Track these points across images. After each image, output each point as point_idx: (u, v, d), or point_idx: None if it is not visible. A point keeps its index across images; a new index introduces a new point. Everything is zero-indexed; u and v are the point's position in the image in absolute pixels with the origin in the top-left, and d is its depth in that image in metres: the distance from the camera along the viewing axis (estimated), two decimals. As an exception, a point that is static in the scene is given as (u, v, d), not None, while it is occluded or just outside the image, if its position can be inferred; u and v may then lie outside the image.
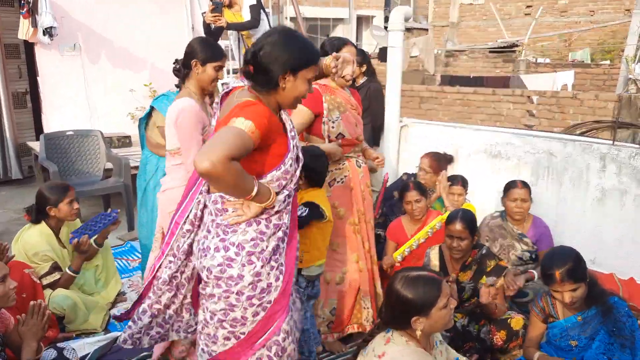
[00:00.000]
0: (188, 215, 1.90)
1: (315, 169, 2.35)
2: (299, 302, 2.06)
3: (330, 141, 2.67)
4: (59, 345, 2.38)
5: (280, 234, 1.81)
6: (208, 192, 1.87)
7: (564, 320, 2.36)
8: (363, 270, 2.80)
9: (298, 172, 1.85)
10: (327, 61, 2.12)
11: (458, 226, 2.67)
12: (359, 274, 2.79)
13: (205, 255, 1.78)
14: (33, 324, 2.11)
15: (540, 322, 2.45)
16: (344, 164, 2.73)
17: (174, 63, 2.53)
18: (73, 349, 2.37)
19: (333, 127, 2.66)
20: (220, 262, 1.74)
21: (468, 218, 2.72)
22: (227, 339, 1.81)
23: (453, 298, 2.51)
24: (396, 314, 1.85)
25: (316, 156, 2.36)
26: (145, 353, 2.76)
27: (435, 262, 2.85)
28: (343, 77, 2.33)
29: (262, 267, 1.76)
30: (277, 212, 1.79)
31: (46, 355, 2.22)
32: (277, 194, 1.77)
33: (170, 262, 1.96)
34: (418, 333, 1.82)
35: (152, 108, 3.00)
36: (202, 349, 1.88)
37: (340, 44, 2.69)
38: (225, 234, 1.76)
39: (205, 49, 2.42)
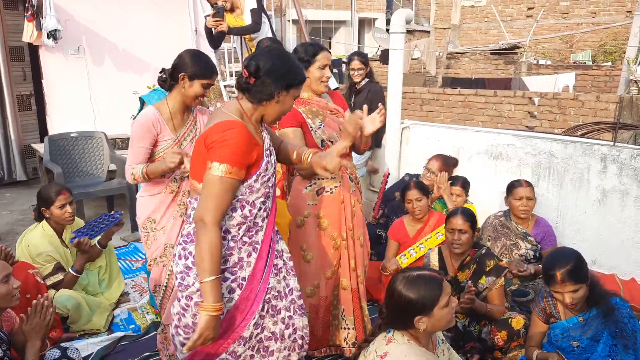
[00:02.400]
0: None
1: None
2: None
3: (327, 147, 2.51)
4: (63, 345, 2.39)
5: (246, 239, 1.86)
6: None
7: (565, 320, 2.36)
8: (347, 288, 2.61)
9: (266, 191, 1.88)
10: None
11: (459, 220, 2.71)
12: (341, 292, 2.62)
13: (173, 261, 1.91)
14: (37, 322, 2.12)
15: (541, 322, 2.45)
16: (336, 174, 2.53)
17: (160, 72, 2.42)
18: (76, 348, 2.39)
19: (318, 133, 2.51)
20: (182, 270, 1.83)
21: (468, 213, 2.78)
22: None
23: (471, 301, 2.54)
24: (398, 313, 1.86)
25: None
26: (147, 353, 2.78)
27: (435, 263, 2.87)
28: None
29: (233, 243, 1.82)
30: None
31: (50, 355, 2.23)
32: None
33: None
34: (421, 332, 1.83)
35: (142, 102, 2.94)
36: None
37: (316, 50, 2.50)
38: (185, 243, 1.85)
39: (195, 64, 2.31)
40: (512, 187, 3.24)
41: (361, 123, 2.31)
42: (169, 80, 2.39)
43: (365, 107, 2.34)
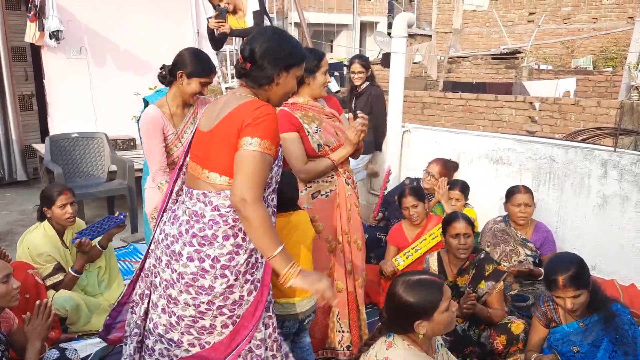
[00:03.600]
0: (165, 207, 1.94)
1: (286, 193, 2.17)
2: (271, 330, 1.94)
3: (324, 151, 2.53)
4: (62, 345, 2.40)
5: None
6: (188, 186, 1.84)
7: (566, 325, 2.36)
8: (342, 291, 2.60)
9: (274, 183, 1.84)
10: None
11: (462, 224, 2.72)
12: (337, 295, 2.58)
13: (177, 261, 1.76)
14: (38, 323, 2.13)
15: (542, 326, 2.44)
16: (332, 178, 2.56)
17: (160, 68, 2.50)
18: (75, 349, 2.39)
19: (315, 138, 2.52)
20: (193, 272, 1.74)
21: (466, 216, 2.80)
22: (192, 345, 1.82)
23: (472, 307, 2.54)
24: (398, 318, 1.85)
25: (286, 180, 2.15)
26: (147, 354, 2.77)
27: (434, 268, 2.86)
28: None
29: (235, 279, 1.75)
30: None
31: (48, 355, 2.23)
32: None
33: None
34: (420, 337, 1.83)
35: (146, 104, 3.00)
36: (161, 353, 1.86)
37: (320, 56, 2.51)
38: (201, 245, 1.73)
39: (194, 62, 2.40)
40: (510, 194, 3.23)
41: (363, 129, 2.39)
42: (168, 76, 2.46)
43: (360, 114, 2.40)
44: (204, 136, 1.79)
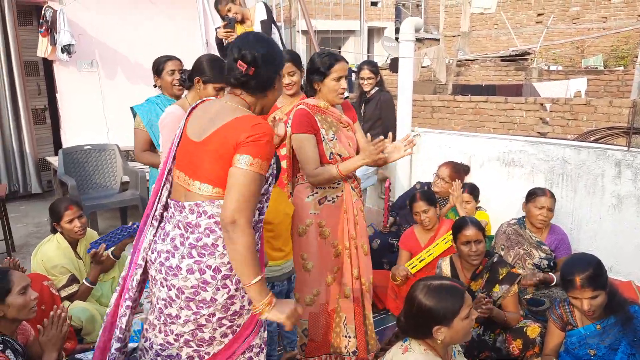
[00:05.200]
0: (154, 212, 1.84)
1: (277, 167, 2.22)
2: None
3: (334, 160, 2.51)
4: (77, 356, 2.41)
5: None
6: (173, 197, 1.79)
7: (582, 328, 2.33)
8: (349, 296, 2.60)
9: (266, 204, 1.81)
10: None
11: (473, 230, 2.69)
12: (344, 300, 2.61)
13: (176, 275, 1.69)
14: (53, 334, 2.14)
15: (558, 330, 2.41)
16: (338, 184, 2.55)
17: (181, 73, 2.66)
18: (91, 359, 2.40)
19: (329, 145, 2.50)
20: (194, 285, 1.67)
21: (476, 221, 2.76)
22: (191, 358, 1.78)
23: (489, 311, 2.51)
24: (417, 322, 1.83)
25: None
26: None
27: (447, 273, 2.84)
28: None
29: (236, 290, 1.70)
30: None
31: (64, 366, 2.25)
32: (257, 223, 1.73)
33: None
34: (439, 343, 1.81)
35: (135, 114, 3.11)
36: None
37: (332, 62, 2.45)
38: (201, 255, 1.67)
39: (210, 69, 2.50)
40: (534, 195, 3.14)
41: (382, 156, 2.35)
42: (187, 81, 2.61)
43: (390, 134, 2.44)
44: (194, 146, 1.72)
